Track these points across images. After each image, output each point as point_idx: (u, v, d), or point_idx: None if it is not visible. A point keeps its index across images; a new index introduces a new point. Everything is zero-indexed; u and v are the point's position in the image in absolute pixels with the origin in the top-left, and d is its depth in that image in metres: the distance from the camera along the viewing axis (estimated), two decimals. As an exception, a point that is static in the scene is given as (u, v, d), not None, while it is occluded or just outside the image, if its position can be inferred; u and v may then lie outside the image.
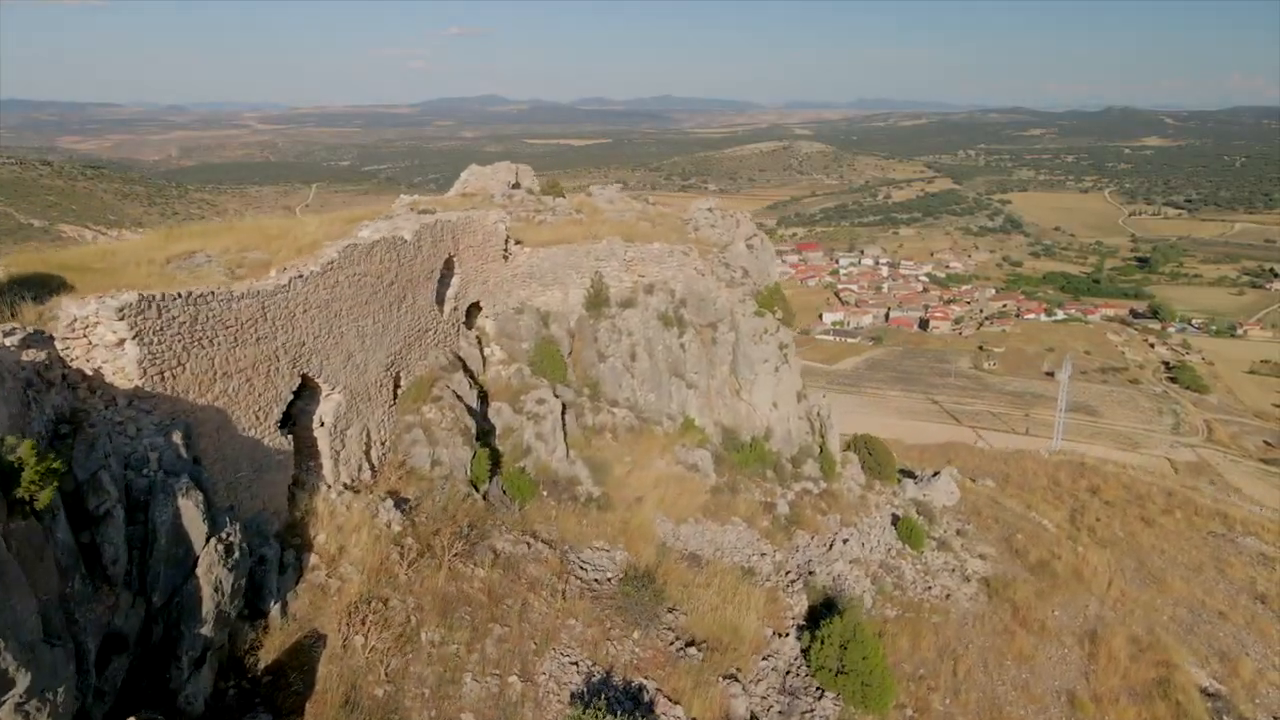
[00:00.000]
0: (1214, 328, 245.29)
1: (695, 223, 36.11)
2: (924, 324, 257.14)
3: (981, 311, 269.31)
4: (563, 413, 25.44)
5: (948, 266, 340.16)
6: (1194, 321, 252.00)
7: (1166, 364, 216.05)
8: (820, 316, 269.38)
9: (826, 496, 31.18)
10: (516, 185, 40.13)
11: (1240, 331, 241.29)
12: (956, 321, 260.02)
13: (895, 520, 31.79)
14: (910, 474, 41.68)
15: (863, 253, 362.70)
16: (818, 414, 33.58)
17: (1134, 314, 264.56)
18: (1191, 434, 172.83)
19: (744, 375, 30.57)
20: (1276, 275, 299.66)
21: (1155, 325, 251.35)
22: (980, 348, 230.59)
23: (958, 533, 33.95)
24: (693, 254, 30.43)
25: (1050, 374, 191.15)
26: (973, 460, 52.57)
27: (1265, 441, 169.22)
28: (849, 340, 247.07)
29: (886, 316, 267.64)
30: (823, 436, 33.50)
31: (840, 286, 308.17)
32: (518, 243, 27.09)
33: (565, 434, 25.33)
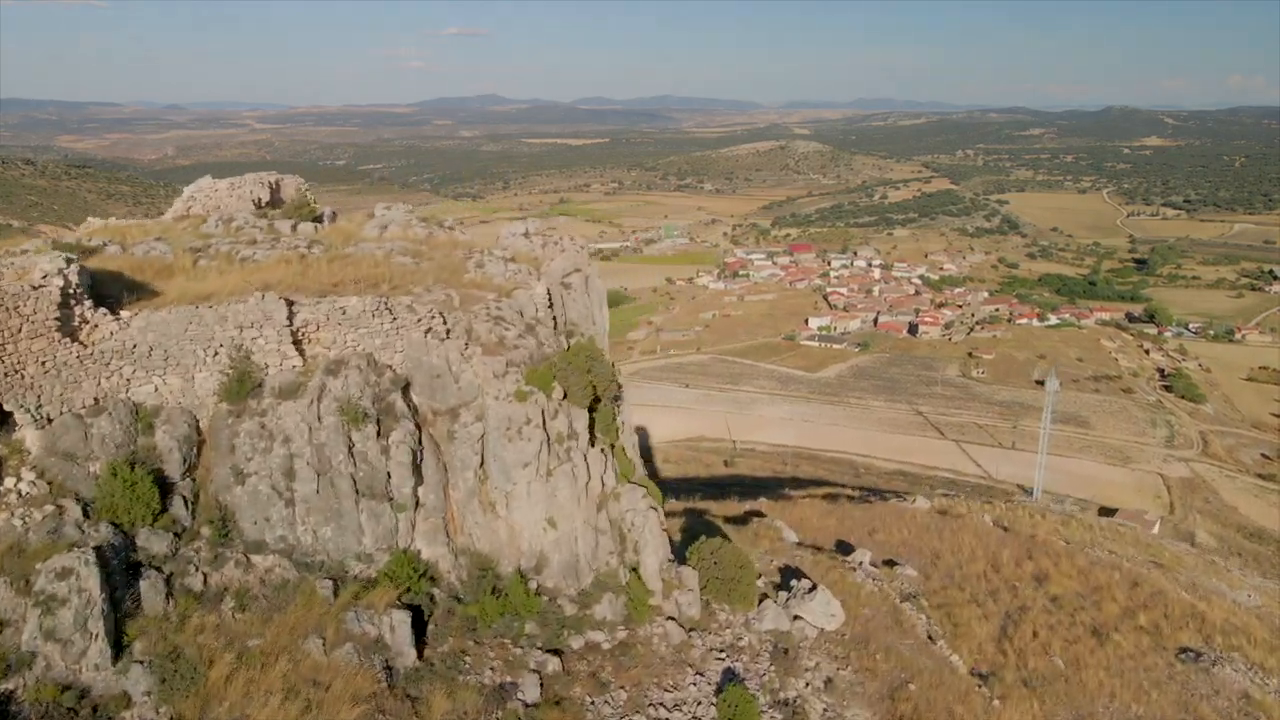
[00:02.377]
0: (1212, 332, 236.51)
1: (482, 258, 26.91)
2: (913, 329, 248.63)
3: (973, 316, 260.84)
4: (134, 577, 16.21)
5: (942, 268, 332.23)
6: (1191, 325, 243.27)
7: (1162, 371, 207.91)
8: (806, 321, 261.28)
9: (622, 653, 21.92)
10: (271, 203, 30.96)
11: (1239, 336, 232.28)
12: (947, 326, 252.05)
13: (729, 679, 22.54)
14: (797, 574, 32.40)
15: (856, 254, 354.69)
16: (631, 523, 24.29)
17: (1130, 317, 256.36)
18: (1186, 447, 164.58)
19: (498, 484, 21.33)
20: (1276, 277, 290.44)
21: (1151, 329, 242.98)
22: (970, 354, 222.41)
23: (826, 684, 24.69)
24: (421, 310, 21.16)
25: (1041, 382, 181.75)
26: (901, 532, 43.32)
27: (1263, 455, 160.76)
28: (834, 346, 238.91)
29: (875, 321, 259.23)
30: (637, 554, 24.22)
31: (830, 290, 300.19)
32: (102, 310, 17.70)
33: (138, 612, 16.10)
